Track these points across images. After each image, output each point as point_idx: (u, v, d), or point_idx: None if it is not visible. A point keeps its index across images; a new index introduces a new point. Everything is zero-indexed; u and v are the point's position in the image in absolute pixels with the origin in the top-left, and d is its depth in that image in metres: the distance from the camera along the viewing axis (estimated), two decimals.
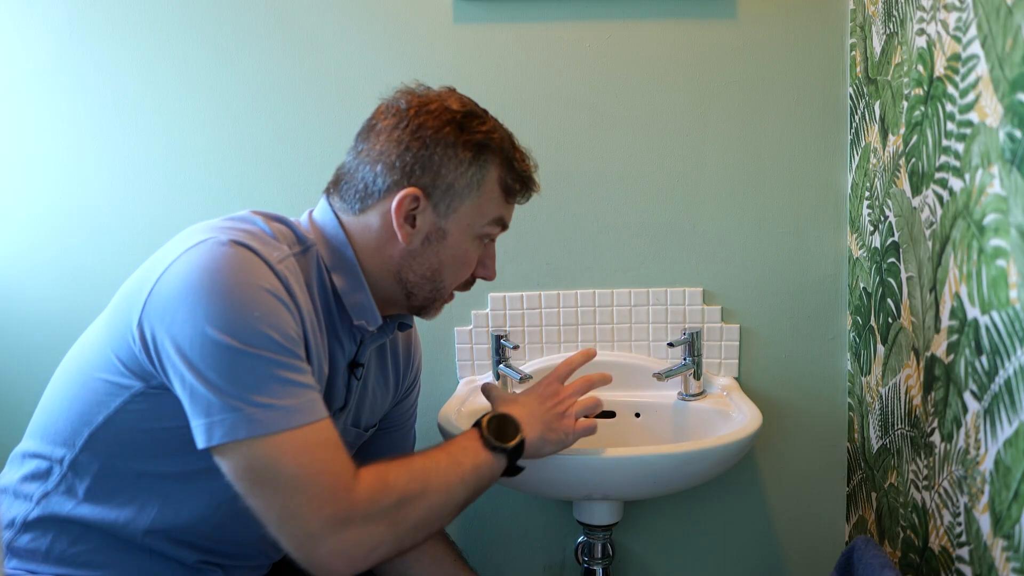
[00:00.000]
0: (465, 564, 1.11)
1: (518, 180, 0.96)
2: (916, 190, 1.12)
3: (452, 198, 0.91)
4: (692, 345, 1.37)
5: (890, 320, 1.24)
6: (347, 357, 0.95)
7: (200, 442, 0.78)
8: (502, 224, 0.98)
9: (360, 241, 0.93)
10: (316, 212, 0.95)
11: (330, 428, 0.81)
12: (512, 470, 0.95)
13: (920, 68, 1.10)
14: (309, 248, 0.91)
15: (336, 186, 0.95)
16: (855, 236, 1.38)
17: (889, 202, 1.23)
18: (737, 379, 1.44)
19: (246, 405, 0.76)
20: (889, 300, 1.24)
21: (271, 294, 0.80)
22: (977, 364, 0.95)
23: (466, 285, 1.00)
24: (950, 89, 1.00)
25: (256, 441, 0.77)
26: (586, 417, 1.03)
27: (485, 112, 0.96)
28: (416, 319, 1.12)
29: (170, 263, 0.81)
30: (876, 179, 1.28)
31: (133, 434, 0.85)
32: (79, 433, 0.87)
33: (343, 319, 0.93)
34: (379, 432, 1.10)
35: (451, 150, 0.90)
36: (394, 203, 0.90)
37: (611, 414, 1.39)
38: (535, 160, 0.99)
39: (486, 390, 1.07)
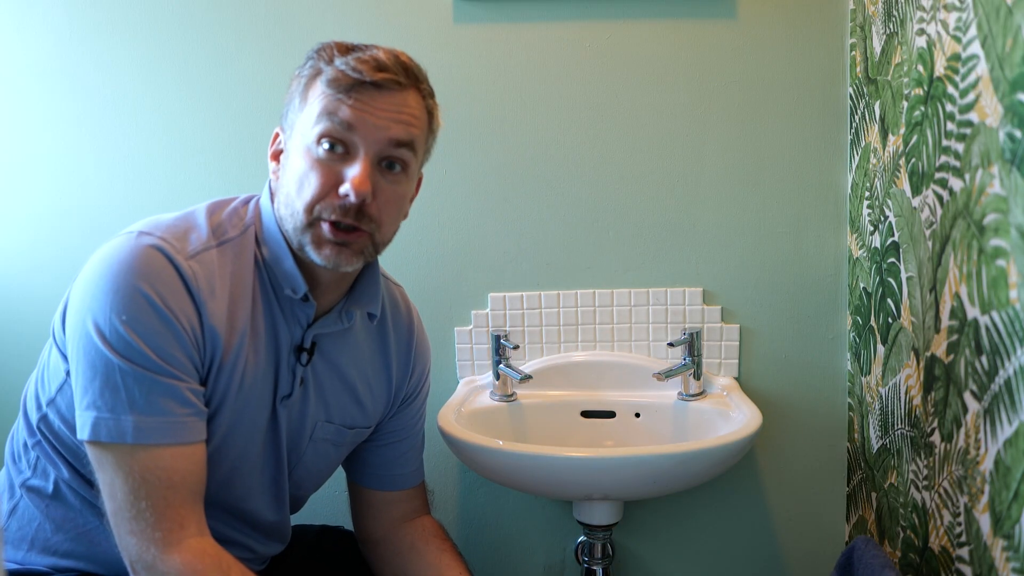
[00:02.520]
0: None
1: (335, 70, 0.85)
2: (916, 190, 1.12)
3: (290, 115, 0.89)
4: (692, 345, 1.37)
5: (890, 320, 1.24)
6: (292, 340, 0.93)
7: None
8: (335, 120, 0.84)
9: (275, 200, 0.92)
10: (264, 189, 0.95)
11: (177, 459, 0.82)
12: None
13: (920, 68, 1.10)
14: (247, 229, 0.91)
15: None
16: (855, 236, 1.38)
17: (889, 202, 1.23)
18: (737, 379, 1.44)
19: (94, 407, 0.80)
20: (889, 300, 1.24)
21: (147, 301, 0.80)
22: (977, 364, 0.95)
23: (339, 210, 0.85)
24: (950, 89, 1.00)
25: (96, 445, 0.81)
26: None
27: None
28: (418, 326, 1.11)
29: (96, 252, 0.86)
30: (876, 179, 1.28)
31: (69, 415, 0.86)
32: (35, 417, 0.90)
33: (284, 300, 0.91)
34: (380, 444, 1.08)
35: (292, 78, 0.91)
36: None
37: (611, 414, 1.39)
38: (378, 54, 0.86)
39: None
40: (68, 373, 0.85)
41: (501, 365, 1.38)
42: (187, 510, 0.82)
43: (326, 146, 0.84)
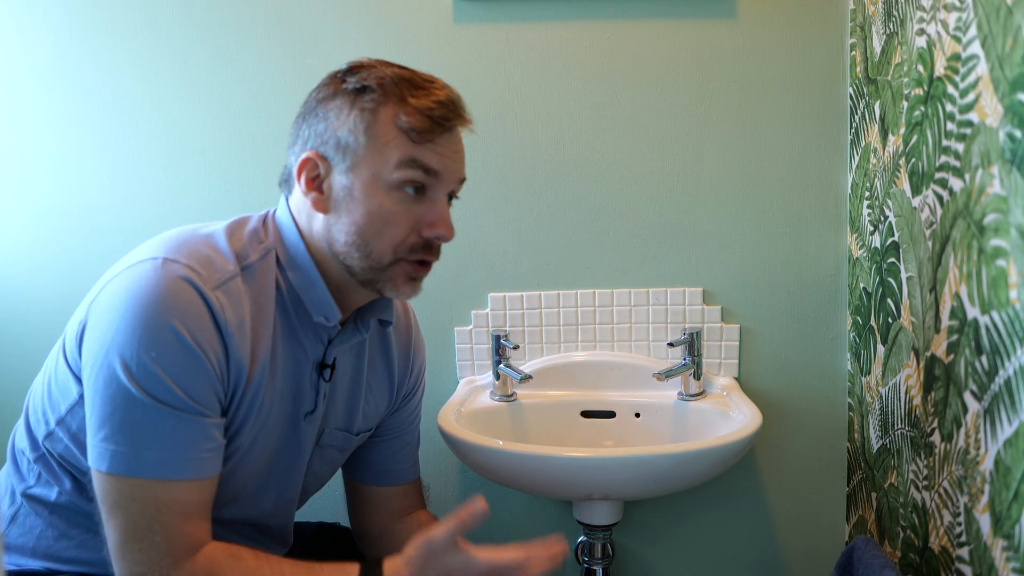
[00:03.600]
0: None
1: (417, 114, 0.85)
2: (916, 190, 1.12)
3: (346, 152, 0.86)
4: (692, 345, 1.37)
5: (890, 320, 1.24)
6: (313, 359, 0.93)
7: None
8: (420, 166, 0.86)
9: (303, 226, 0.91)
10: (278, 208, 0.94)
11: (194, 491, 0.81)
12: None
13: (920, 68, 1.10)
14: (267, 253, 0.90)
15: (286, 178, 0.94)
16: (855, 236, 1.38)
17: (889, 202, 1.23)
18: (737, 379, 1.44)
19: (113, 440, 0.79)
20: (889, 300, 1.24)
21: (177, 337, 0.79)
22: (977, 364, 0.95)
23: (423, 250, 0.89)
24: (950, 89, 1.00)
25: (111, 476, 0.79)
26: None
27: (379, 61, 0.89)
28: (415, 323, 1.12)
29: (111, 278, 0.84)
30: (876, 179, 1.28)
31: (80, 437, 0.85)
32: (41, 431, 0.89)
33: (304, 320, 0.91)
34: (378, 440, 1.09)
35: (331, 102, 0.87)
36: (295, 172, 0.88)
37: (611, 414, 1.39)
38: (448, 92, 0.88)
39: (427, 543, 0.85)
40: (80, 396, 0.84)
41: (501, 365, 1.38)
42: (200, 533, 0.82)
43: (411, 191, 0.87)
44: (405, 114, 0.85)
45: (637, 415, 1.39)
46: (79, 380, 0.84)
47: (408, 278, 0.90)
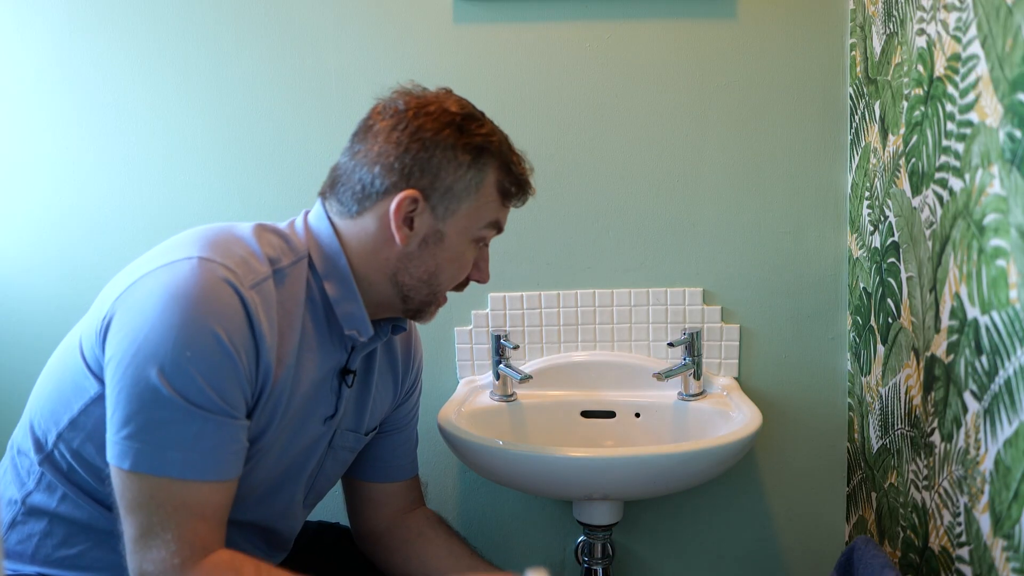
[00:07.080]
0: (480, 557, 1.08)
1: (515, 183, 0.94)
2: (916, 190, 1.12)
3: (450, 200, 0.90)
4: (692, 345, 1.37)
5: (890, 320, 1.24)
6: (336, 364, 0.94)
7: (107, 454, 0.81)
8: (497, 227, 0.97)
9: (354, 245, 0.91)
10: (311, 216, 0.94)
11: (214, 493, 0.81)
12: None
13: (920, 68, 1.10)
14: (299, 260, 0.90)
15: (332, 188, 0.93)
16: (855, 236, 1.38)
17: (889, 202, 1.23)
18: (737, 379, 1.44)
19: (137, 438, 0.78)
20: (889, 300, 1.24)
21: (215, 338, 0.78)
22: (977, 364, 0.95)
23: (460, 286, 0.99)
24: (950, 89, 1.00)
25: (133, 474, 0.78)
26: None
27: (482, 115, 0.94)
28: (412, 323, 1.12)
29: (144, 274, 0.83)
30: (876, 179, 1.28)
31: (96, 436, 0.84)
32: (49, 432, 0.88)
33: (333, 327, 0.92)
34: (379, 436, 1.09)
35: (450, 152, 0.89)
36: (392, 205, 0.88)
37: (611, 414, 1.39)
38: (531, 164, 0.98)
39: None
40: (99, 395, 0.83)
41: (501, 365, 1.38)
42: (213, 537, 0.81)
43: (481, 244, 0.97)
44: (508, 180, 0.93)
45: (637, 415, 1.39)
46: (98, 377, 0.83)
47: (437, 308, 0.98)
